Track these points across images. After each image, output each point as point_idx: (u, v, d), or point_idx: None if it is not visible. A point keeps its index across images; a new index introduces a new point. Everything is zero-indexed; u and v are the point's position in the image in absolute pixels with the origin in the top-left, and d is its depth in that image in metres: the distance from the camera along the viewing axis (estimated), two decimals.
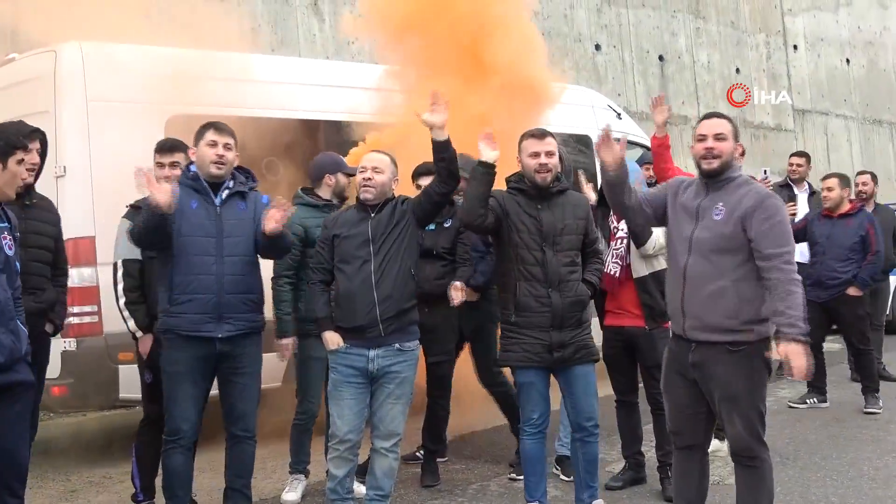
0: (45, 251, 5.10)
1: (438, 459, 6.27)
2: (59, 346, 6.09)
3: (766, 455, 4.34)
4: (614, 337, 5.64)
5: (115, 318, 6.28)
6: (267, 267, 5.36)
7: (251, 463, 5.01)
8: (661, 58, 16.33)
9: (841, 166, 18.72)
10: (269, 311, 5.32)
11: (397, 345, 4.77)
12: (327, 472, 5.08)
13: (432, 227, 5.68)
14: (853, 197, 8.85)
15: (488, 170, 4.75)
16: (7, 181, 4.04)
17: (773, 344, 4.25)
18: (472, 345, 6.25)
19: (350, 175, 5.79)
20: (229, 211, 4.78)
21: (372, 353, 4.73)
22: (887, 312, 10.99)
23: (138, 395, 6.71)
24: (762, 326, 4.23)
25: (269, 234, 4.66)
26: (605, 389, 5.61)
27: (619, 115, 10.27)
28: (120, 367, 6.50)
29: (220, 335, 4.70)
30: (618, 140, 4.50)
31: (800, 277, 4.19)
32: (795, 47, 18.49)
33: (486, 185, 4.80)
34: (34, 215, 5.02)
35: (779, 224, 4.23)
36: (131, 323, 5.22)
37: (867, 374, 8.13)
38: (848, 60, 19.45)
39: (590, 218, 5.17)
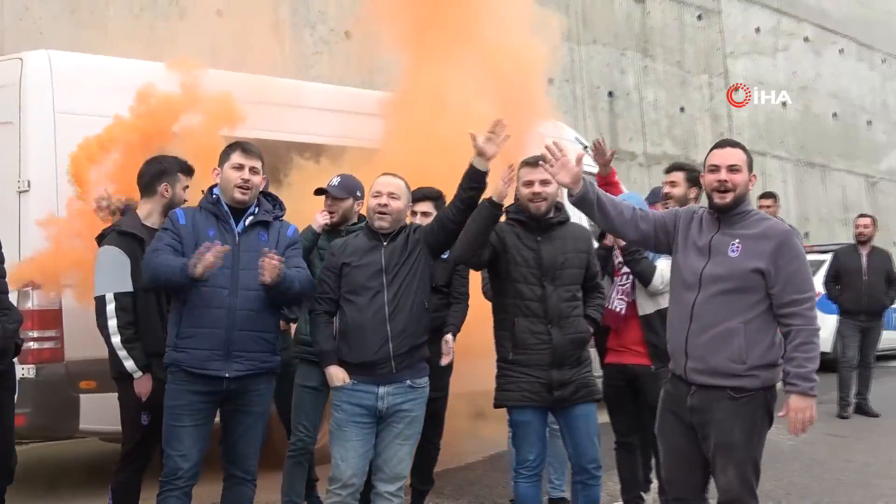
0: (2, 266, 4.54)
1: None
2: (16, 372, 5.59)
3: None
4: (616, 375, 5.32)
5: (76, 343, 5.86)
6: None
7: None
8: (610, 94, 16.30)
9: None
10: None
11: (409, 382, 4.41)
12: None
13: None
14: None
15: (497, 210, 4.40)
16: None
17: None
18: None
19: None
20: (248, 241, 4.34)
21: (381, 390, 4.35)
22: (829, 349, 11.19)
23: (100, 427, 6.29)
24: (769, 372, 3.92)
25: (266, 285, 4.23)
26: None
27: (585, 147, 10.10)
28: (81, 395, 6.02)
29: (227, 374, 4.26)
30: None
31: (820, 327, 3.92)
32: (737, 88, 18.64)
33: (491, 224, 4.46)
34: None
35: (803, 266, 3.94)
36: (129, 363, 4.57)
37: None
38: (784, 104, 19.71)
39: (591, 251, 4.93)
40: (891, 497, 6.37)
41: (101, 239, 4.75)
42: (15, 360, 5.06)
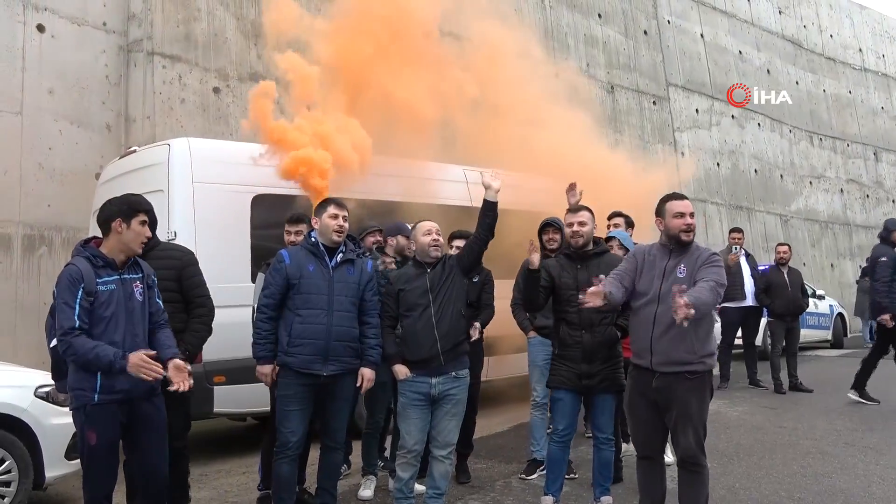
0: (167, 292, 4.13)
1: None
2: None
3: (706, 462, 3.91)
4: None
5: (209, 350, 5.78)
6: None
7: (339, 467, 4.43)
8: None
9: (715, 239, 18.61)
10: None
11: (454, 373, 4.24)
12: (390, 472, 4.54)
13: None
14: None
15: (534, 273, 4.30)
16: (132, 238, 3.50)
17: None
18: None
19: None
20: (340, 274, 4.24)
21: (434, 380, 4.21)
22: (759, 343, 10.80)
23: (228, 409, 6.21)
24: (711, 360, 3.88)
25: None
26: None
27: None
28: (214, 387, 5.96)
29: (325, 373, 4.15)
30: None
31: (716, 296, 3.72)
32: (683, 154, 18.42)
33: (536, 282, 4.35)
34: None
35: (717, 266, 3.84)
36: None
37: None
38: (718, 164, 19.41)
39: None
40: (814, 453, 6.10)
41: None
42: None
